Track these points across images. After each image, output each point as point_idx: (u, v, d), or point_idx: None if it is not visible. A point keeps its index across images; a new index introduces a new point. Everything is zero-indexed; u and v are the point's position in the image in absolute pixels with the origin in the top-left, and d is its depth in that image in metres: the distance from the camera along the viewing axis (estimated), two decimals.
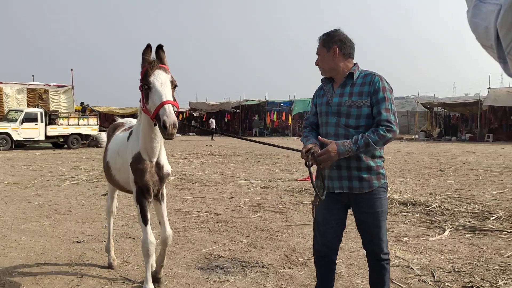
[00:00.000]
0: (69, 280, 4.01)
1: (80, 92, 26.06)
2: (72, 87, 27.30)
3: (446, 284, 3.93)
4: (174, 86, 3.16)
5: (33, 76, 29.50)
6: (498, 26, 0.82)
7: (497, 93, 32.61)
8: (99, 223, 6.26)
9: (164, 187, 3.71)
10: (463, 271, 4.27)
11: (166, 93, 3.00)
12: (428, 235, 5.59)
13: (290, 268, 4.36)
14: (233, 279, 4.06)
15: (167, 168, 3.59)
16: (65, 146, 23.24)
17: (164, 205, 3.75)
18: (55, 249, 4.93)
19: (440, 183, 10.30)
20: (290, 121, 41.34)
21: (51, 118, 22.84)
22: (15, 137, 21.18)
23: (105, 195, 8.47)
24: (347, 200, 2.92)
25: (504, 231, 5.77)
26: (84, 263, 4.47)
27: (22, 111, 21.92)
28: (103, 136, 19.23)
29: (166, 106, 2.94)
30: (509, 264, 4.45)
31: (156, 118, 2.96)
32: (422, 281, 4.02)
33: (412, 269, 4.32)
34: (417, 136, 36.99)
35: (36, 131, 21.95)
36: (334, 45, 2.92)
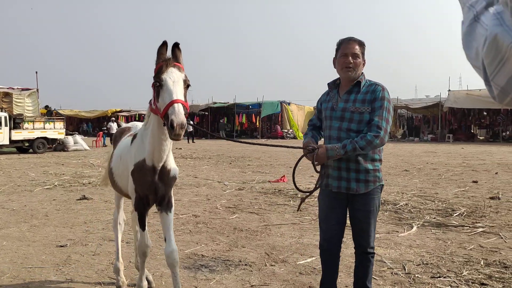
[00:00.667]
0: (59, 282, 4.11)
1: (42, 95, 25.57)
2: (37, 90, 26.68)
3: (416, 275, 4.27)
4: (187, 85, 3.01)
5: None
6: (483, 54, 0.87)
7: (456, 95, 34.00)
8: (79, 227, 6.31)
9: (172, 194, 3.48)
10: (431, 263, 4.63)
11: (177, 92, 2.85)
12: (397, 232, 5.95)
13: (272, 265, 4.60)
14: (219, 277, 4.26)
15: (174, 172, 3.38)
16: (31, 150, 22.70)
17: (171, 216, 3.45)
18: (39, 253, 4.99)
19: (406, 182, 10.80)
20: (258, 124, 41.71)
21: (16, 122, 22.24)
22: None
23: (80, 199, 8.49)
24: (345, 198, 3.19)
25: (466, 226, 6.20)
26: (71, 266, 4.56)
27: None
28: (70, 140, 18.81)
29: (175, 105, 2.77)
30: (472, 256, 4.84)
31: (165, 117, 2.80)
32: (394, 273, 4.35)
33: (385, 263, 4.65)
34: None
35: (0, 136, 21.36)
36: (364, 56, 3.20)
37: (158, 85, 2.92)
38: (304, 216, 6.94)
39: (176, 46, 3.04)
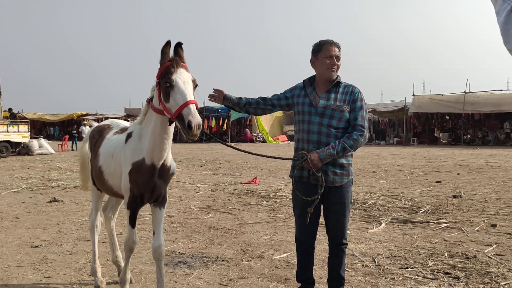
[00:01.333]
0: (37, 280, 4.11)
1: (4, 98, 24.80)
2: (0, 92, 25.88)
3: (386, 267, 4.50)
4: (195, 85, 3.05)
5: None
6: None
7: (420, 100, 35.16)
8: (51, 228, 6.26)
9: (167, 190, 3.54)
10: (399, 256, 4.88)
11: (190, 93, 2.90)
12: (367, 228, 6.20)
13: (248, 261, 4.74)
14: (197, 272, 4.37)
15: (172, 167, 3.43)
16: None
17: (164, 212, 3.53)
18: (13, 254, 4.95)
19: (374, 183, 11.15)
20: (225, 127, 41.78)
21: None
22: None
23: (50, 202, 8.38)
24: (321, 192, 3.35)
25: (431, 222, 6.52)
26: (48, 265, 4.55)
27: None
28: (35, 143, 18.39)
29: (191, 106, 2.82)
30: (437, 249, 5.12)
31: (178, 117, 2.82)
32: (365, 265, 4.56)
33: (356, 256, 4.86)
34: None
35: None
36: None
37: (168, 85, 2.91)
38: (277, 215, 7.11)
39: (179, 45, 3.06)
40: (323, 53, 3.40)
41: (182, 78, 2.93)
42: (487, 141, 33.19)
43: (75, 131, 27.74)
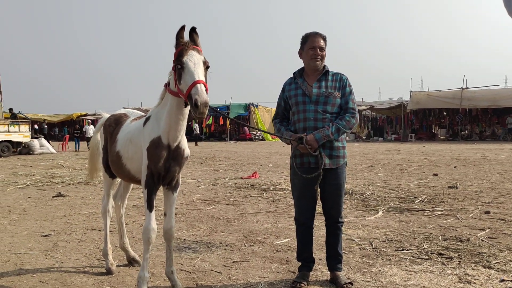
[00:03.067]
0: (50, 264, 4.31)
1: (4, 98, 25.07)
2: (0, 92, 26.07)
3: (382, 249, 4.70)
4: (206, 67, 3.17)
5: None
6: None
7: (418, 96, 35.40)
8: (59, 220, 6.46)
9: (180, 175, 3.69)
10: (395, 240, 5.09)
11: (199, 73, 3.03)
12: (365, 216, 6.41)
13: (250, 246, 4.94)
14: (202, 256, 4.57)
15: (187, 151, 3.59)
16: None
17: (176, 195, 3.70)
18: (25, 242, 5.15)
19: (371, 176, 11.37)
20: (228, 126, 42.03)
21: None
22: None
23: (56, 196, 8.57)
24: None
25: (427, 210, 6.73)
26: (59, 252, 4.75)
27: None
28: (36, 143, 18.57)
29: (198, 85, 2.96)
30: (432, 234, 5.33)
31: (188, 97, 2.98)
32: (362, 248, 4.77)
33: (354, 240, 5.07)
34: (347, 137, 39.09)
35: None
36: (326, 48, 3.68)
37: (180, 67, 3.07)
38: (277, 206, 7.32)
39: (193, 30, 3.22)
40: (308, 44, 3.67)
41: (193, 60, 3.08)
42: (485, 136, 33.47)
43: (78, 131, 27.43)
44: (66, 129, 50.41)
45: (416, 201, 7.47)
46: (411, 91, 36.00)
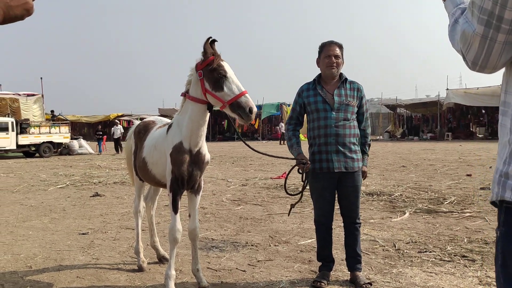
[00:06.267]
0: (87, 261, 4.61)
1: (46, 101, 26.33)
2: (42, 95, 27.25)
3: (405, 251, 4.76)
4: None
5: (0, 85, 29.24)
6: (459, 42, 1.40)
7: (455, 94, 34.49)
8: (96, 218, 6.82)
9: (202, 178, 3.86)
10: (419, 241, 5.13)
11: (240, 84, 3.35)
12: (390, 217, 6.44)
13: (275, 245, 5.10)
14: (228, 255, 4.77)
15: (207, 157, 3.77)
16: (37, 154, 23.22)
17: (199, 197, 3.92)
18: (64, 240, 5.50)
19: (402, 177, 11.29)
20: (257, 125, 42.27)
21: (22, 127, 22.81)
22: None
23: (93, 196, 9.00)
24: (337, 178, 3.80)
25: (455, 212, 6.69)
26: (95, 249, 5.06)
27: None
28: (75, 143, 19.36)
29: (247, 95, 3.28)
30: (457, 236, 5.33)
31: (234, 104, 3.25)
32: (385, 250, 4.84)
33: (377, 242, 5.14)
34: (381, 136, 38.62)
35: (7, 140, 21.88)
36: (343, 56, 3.88)
37: (222, 76, 3.32)
38: (304, 207, 7.43)
39: (213, 42, 3.44)
40: (324, 53, 3.84)
41: (231, 71, 3.38)
42: None
43: (100, 133, 27.16)
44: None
45: (445, 202, 7.42)
46: (447, 89, 35.15)
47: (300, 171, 3.89)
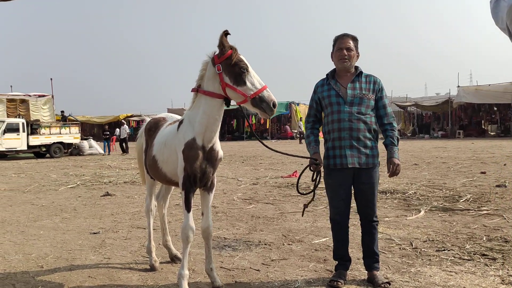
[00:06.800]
0: (99, 260, 4.55)
1: (56, 101, 26.44)
2: (52, 96, 27.39)
3: (423, 249, 4.64)
4: None
5: (11, 86, 29.47)
6: (506, 19, 1.33)
7: (466, 91, 34.14)
8: (107, 218, 6.77)
9: (215, 175, 3.77)
10: (437, 240, 5.00)
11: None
12: (406, 216, 6.32)
13: (289, 244, 5.01)
14: (241, 254, 4.68)
15: (220, 153, 3.69)
16: (47, 155, 23.35)
17: (212, 196, 3.82)
18: (75, 239, 5.45)
19: (415, 175, 11.13)
20: (268, 125, 42.20)
21: (33, 127, 22.96)
22: None
23: (104, 195, 8.97)
24: (352, 175, 3.68)
25: (471, 210, 6.55)
26: (107, 249, 5.00)
27: (3, 121, 21.97)
28: (85, 144, 19.39)
29: (268, 89, 3.28)
30: (475, 234, 5.19)
31: (256, 99, 3.24)
32: (402, 248, 4.72)
33: (394, 240, 5.02)
34: None
35: (18, 141, 22.03)
36: (358, 49, 3.74)
37: (245, 70, 3.29)
38: (317, 206, 7.32)
39: (226, 35, 3.39)
40: (336, 45, 3.74)
41: (250, 65, 3.34)
42: None
43: (107, 133, 26.81)
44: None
45: (461, 200, 7.27)
46: (458, 86, 34.78)
47: (312, 169, 3.81)
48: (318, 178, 3.88)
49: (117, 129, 27.53)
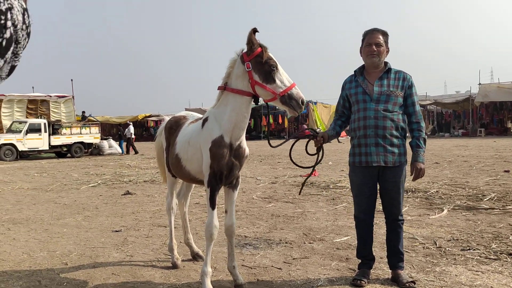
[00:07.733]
0: (121, 258, 4.59)
1: (77, 102, 26.95)
2: (73, 97, 27.79)
3: (447, 249, 4.56)
4: None
5: (33, 87, 29.98)
6: None
7: (487, 89, 33.49)
8: (128, 216, 6.83)
9: (239, 173, 3.75)
10: (461, 239, 4.91)
11: None
12: (428, 215, 6.22)
13: (310, 243, 4.98)
14: (262, 252, 4.67)
15: (247, 151, 3.68)
16: (68, 155, 23.71)
17: (236, 193, 3.79)
18: (98, 237, 5.51)
19: (436, 173, 10.96)
20: (286, 124, 42.09)
21: (54, 128, 23.33)
22: (20, 147, 21.64)
23: (124, 194, 9.06)
24: (377, 172, 3.63)
25: (496, 208, 6.41)
26: (129, 246, 5.05)
27: (26, 122, 22.39)
28: (105, 144, 19.56)
29: (296, 87, 3.34)
30: (501, 233, 5.08)
31: (285, 96, 3.28)
32: (426, 247, 4.65)
33: (417, 239, 4.95)
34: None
35: (40, 141, 22.42)
36: (388, 45, 3.67)
37: (274, 68, 3.32)
38: (337, 204, 7.28)
39: (254, 33, 3.38)
40: (365, 41, 3.67)
41: (277, 62, 3.36)
42: None
43: (120, 133, 26.70)
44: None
45: (485, 199, 7.13)
46: (479, 84, 34.13)
47: (314, 144, 3.85)
48: (317, 153, 3.89)
49: (126, 129, 27.29)
